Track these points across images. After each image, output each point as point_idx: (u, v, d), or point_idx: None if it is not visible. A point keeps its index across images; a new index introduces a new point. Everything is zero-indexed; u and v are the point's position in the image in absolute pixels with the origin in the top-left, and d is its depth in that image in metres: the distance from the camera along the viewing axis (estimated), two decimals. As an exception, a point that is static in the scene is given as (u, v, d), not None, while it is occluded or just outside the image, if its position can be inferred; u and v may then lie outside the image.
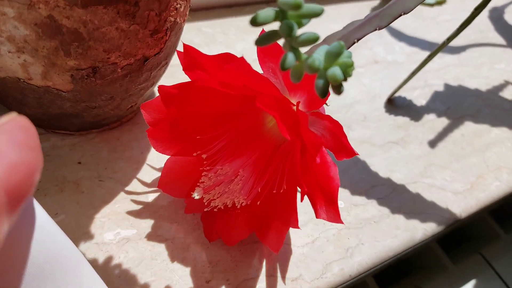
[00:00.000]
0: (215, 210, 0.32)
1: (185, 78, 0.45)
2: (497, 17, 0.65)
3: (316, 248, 0.36)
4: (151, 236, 0.34)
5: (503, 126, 0.50)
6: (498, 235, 0.56)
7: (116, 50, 0.27)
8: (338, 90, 0.22)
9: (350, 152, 0.27)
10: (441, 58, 0.56)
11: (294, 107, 0.28)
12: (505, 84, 0.55)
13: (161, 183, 0.33)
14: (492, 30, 0.63)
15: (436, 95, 0.51)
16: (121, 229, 0.34)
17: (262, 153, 0.32)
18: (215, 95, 0.28)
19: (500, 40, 0.62)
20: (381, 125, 0.46)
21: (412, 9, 0.33)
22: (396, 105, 0.49)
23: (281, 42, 0.21)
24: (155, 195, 0.36)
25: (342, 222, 0.28)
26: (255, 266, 0.34)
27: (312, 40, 0.21)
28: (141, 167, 0.37)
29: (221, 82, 0.27)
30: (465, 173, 0.44)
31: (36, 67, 0.26)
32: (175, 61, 0.46)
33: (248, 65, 0.26)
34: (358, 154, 0.27)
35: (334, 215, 0.28)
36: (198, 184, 0.31)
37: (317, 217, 0.29)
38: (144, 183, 0.37)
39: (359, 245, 0.37)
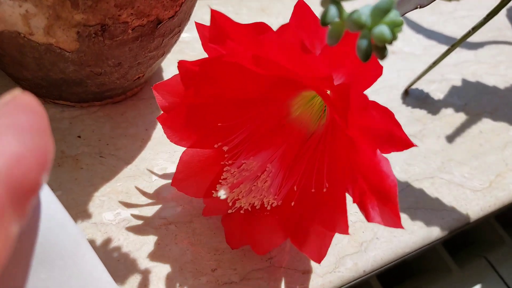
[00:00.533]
0: (241, 212, 0.28)
1: (196, 56, 0.43)
2: (515, 16, 0.63)
3: (330, 240, 0.33)
4: (154, 219, 0.31)
5: (522, 125, 0.48)
6: (503, 239, 0.54)
7: (128, 7, 0.24)
8: (383, 53, 0.20)
9: (405, 143, 0.22)
10: (458, 53, 0.54)
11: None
12: (523, 83, 0.53)
13: (176, 180, 0.29)
14: (510, 28, 0.61)
15: (453, 90, 0.49)
16: (121, 209, 0.31)
17: (289, 145, 0.28)
18: (243, 75, 0.24)
19: (518, 39, 0.60)
20: (398, 117, 0.43)
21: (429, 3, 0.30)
22: (413, 97, 0.47)
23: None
24: (159, 175, 0.33)
25: (402, 227, 0.23)
26: (264, 256, 0.31)
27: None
28: (146, 145, 0.35)
29: (254, 57, 0.23)
30: (483, 170, 0.42)
31: (39, 19, 0.23)
32: (185, 37, 0.43)
33: (292, 35, 0.21)
34: (416, 145, 0.22)
35: (391, 218, 0.24)
36: (219, 181, 0.27)
37: (368, 220, 0.24)
38: (149, 162, 0.34)
39: (374, 240, 0.34)
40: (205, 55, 0.25)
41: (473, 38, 0.57)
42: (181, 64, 0.24)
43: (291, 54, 0.22)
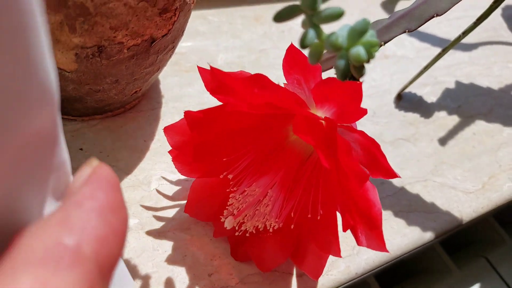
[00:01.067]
0: (246, 234, 0.30)
1: (192, 67, 0.44)
2: (509, 16, 0.64)
3: (323, 244, 0.34)
4: (153, 227, 0.32)
5: (516, 126, 0.48)
6: (503, 239, 0.55)
7: (123, 28, 0.26)
8: (360, 72, 0.21)
9: (389, 173, 0.25)
10: (452, 55, 0.54)
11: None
12: (518, 83, 0.54)
13: (188, 207, 0.32)
14: (505, 28, 0.62)
15: (447, 92, 0.50)
16: (122, 218, 0.32)
17: (288, 168, 0.30)
18: (243, 117, 0.27)
19: (512, 39, 0.60)
20: (391, 121, 0.45)
21: (446, 11, 0.31)
22: (406, 101, 0.48)
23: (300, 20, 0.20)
24: (158, 184, 0.35)
25: (387, 251, 0.26)
26: (260, 261, 0.32)
27: (336, 15, 0.19)
28: (144, 156, 0.36)
29: (251, 104, 0.26)
30: (476, 172, 0.43)
31: (39, 43, 0.25)
32: (180, 48, 0.45)
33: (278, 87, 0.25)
34: (400, 176, 0.25)
35: (377, 242, 0.26)
36: (226, 207, 0.30)
37: (358, 244, 0.27)
38: (147, 172, 0.35)
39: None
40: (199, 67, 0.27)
41: (467, 39, 0.57)
42: (187, 114, 0.27)
43: (285, 103, 0.25)
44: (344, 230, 0.26)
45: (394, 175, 0.25)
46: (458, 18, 0.61)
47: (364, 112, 0.25)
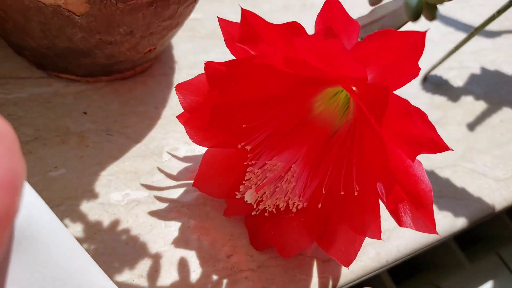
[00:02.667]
0: (265, 214, 0.27)
1: (207, 34, 0.41)
2: (531, 7, 0.62)
3: (350, 228, 0.31)
4: (165, 201, 0.29)
5: (542, 115, 0.46)
6: None
7: (146, -36, 0.22)
8: (434, 13, 0.18)
9: (441, 146, 0.21)
10: (476, 41, 0.52)
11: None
12: (542, 73, 0.51)
13: (198, 181, 0.28)
14: (526, 18, 0.60)
15: (473, 78, 0.47)
16: (130, 190, 0.29)
17: (313, 143, 0.27)
18: (270, 75, 0.24)
19: (535, 29, 0.58)
20: (418, 103, 0.42)
21: None
22: (432, 83, 0.45)
23: None
24: (170, 156, 0.31)
25: (437, 233, 0.23)
26: (282, 243, 0.29)
27: None
28: (155, 124, 0.33)
29: (287, 59, 0.22)
30: (506, 160, 0.40)
31: (48, -26, 0.21)
32: (195, 14, 0.41)
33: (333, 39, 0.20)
34: (452, 149, 0.21)
35: (425, 223, 0.23)
36: (243, 182, 0.26)
37: (400, 225, 0.24)
38: (159, 142, 0.32)
39: (396, 228, 0.32)
40: (215, 35, 0.24)
41: (490, 27, 0.55)
42: (208, 65, 0.23)
43: (326, 56, 0.21)
44: (391, 206, 0.23)
45: (446, 147, 0.22)
46: (480, 5, 0.59)
47: (417, 71, 0.22)
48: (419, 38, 0.20)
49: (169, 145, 0.32)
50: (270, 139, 0.27)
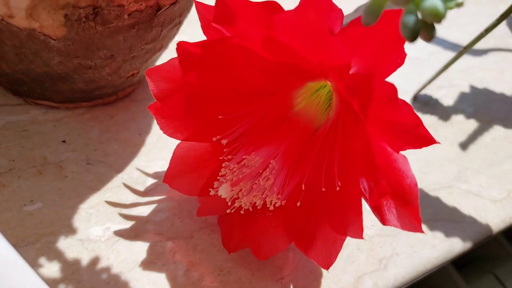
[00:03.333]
0: (240, 212, 0.25)
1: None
2: (514, 24, 0.62)
3: (346, 257, 0.30)
4: (149, 234, 0.27)
5: (533, 133, 0.46)
6: (510, 254, 0.52)
7: (126, -14, 0.21)
8: (431, 32, 0.17)
9: (426, 139, 0.19)
10: (464, 60, 0.52)
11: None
12: (530, 91, 0.51)
13: (169, 176, 0.26)
14: (510, 36, 0.60)
15: (462, 96, 0.47)
16: (112, 223, 0.27)
17: (294, 139, 0.26)
18: (248, 60, 0.22)
19: (520, 47, 0.58)
20: (409, 123, 0.41)
21: None
22: (422, 103, 0.44)
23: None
24: (155, 184, 0.30)
25: (422, 231, 0.21)
26: (275, 276, 0.28)
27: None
28: (139, 151, 0.31)
29: (266, 39, 0.20)
30: (500, 179, 0.40)
31: (21, -3, 0.20)
32: (181, 35, 0.40)
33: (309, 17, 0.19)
34: (439, 142, 0.19)
35: (411, 221, 0.21)
36: (218, 178, 0.25)
37: (384, 223, 0.22)
38: (142, 170, 0.30)
39: (393, 256, 0.31)
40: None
41: (477, 45, 0.55)
42: (181, 46, 0.22)
43: (307, 37, 0.20)
44: (375, 202, 0.22)
45: (432, 141, 0.20)
46: (466, 24, 0.59)
47: (403, 56, 0.20)
48: None
49: (153, 174, 0.30)
50: (248, 134, 0.25)
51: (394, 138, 0.20)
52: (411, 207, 0.22)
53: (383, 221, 0.22)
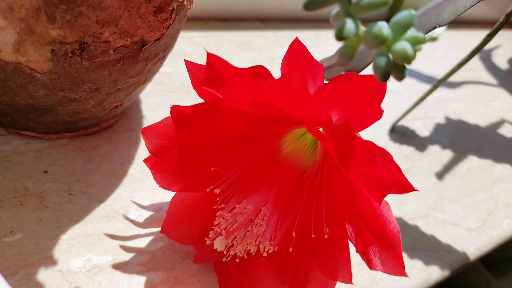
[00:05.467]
0: (236, 260, 0.26)
1: (176, 90, 0.41)
2: (485, 58, 0.65)
3: (326, 286, 0.30)
4: (130, 265, 0.27)
5: (506, 163, 0.47)
6: (489, 282, 0.53)
7: (111, 24, 0.22)
8: (402, 73, 0.18)
9: (405, 186, 0.21)
10: (439, 92, 0.54)
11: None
12: (502, 122, 0.54)
13: (166, 227, 0.27)
14: (483, 69, 0.63)
15: (438, 128, 0.49)
16: (93, 254, 0.27)
17: (283, 183, 0.27)
18: (237, 117, 0.23)
19: (491, 80, 0.61)
20: (387, 153, 0.42)
21: (448, 21, 0.29)
22: (399, 134, 0.46)
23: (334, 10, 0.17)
24: (137, 215, 0.30)
25: (406, 275, 0.23)
26: (256, 306, 0.27)
27: (378, 4, 0.16)
28: (121, 182, 0.31)
29: (253, 102, 0.22)
30: (475, 209, 0.41)
31: (8, 33, 0.20)
32: (165, 68, 0.41)
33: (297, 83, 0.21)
34: (418, 190, 0.21)
35: (395, 266, 0.23)
36: (212, 227, 0.26)
37: (371, 268, 0.24)
38: (124, 201, 0.30)
39: (373, 285, 0.32)
40: (184, 89, 0.23)
41: (451, 78, 0.58)
42: (174, 109, 0.23)
43: (291, 99, 0.21)
44: (360, 250, 0.23)
45: (411, 188, 0.21)
46: (440, 58, 0.61)
47: (380, 112, 0.22)
48: (380, 82, 0.20)
49: (135, 205, 0.30)
50: (239, 181, 0.26)
51: (375, 190, 0.22)
52: (394, 252, 0.23)
53: (370, 266, 0.24)
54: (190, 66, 0.23)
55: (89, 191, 0.30)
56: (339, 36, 0.16)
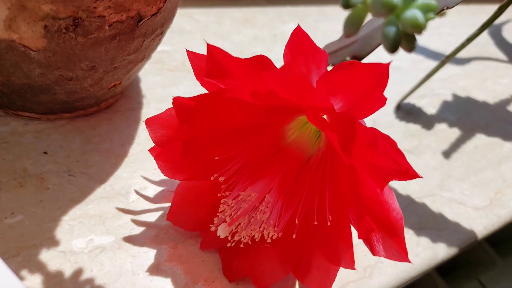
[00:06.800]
0: (240, 245, 0.26)
1: (176, 68, 0.40)
2: (495, 33, 0.64)
3: (330, 266, 0.30)
4: (132, 246, 0.27)
5: (515, 141, 0.46)
6: (494, 260, 0.53)
7: (106, -2, 0.21)
8: (412, 43, 0.17)
9: (409, 173, 0.20)
10: (446, 68, 0.53)
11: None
12: (511, 99, 0.52)
13: (172, 215, 0.27)
14: (492, 45, 0.61)
15: (445, 105, 0.48)
16: (94, 235, 0.27)
17: (287, 171, 0.27)
18: (240, 107, 0.23)
19: (501, 55, 0.60)
20: (393, 132, 0.42)
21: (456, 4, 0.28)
22: (405, 112, 0.45)
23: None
24: (138, 196, 0.29)
25: (409, 261, 0.23)
26: (259, 286, 0.27)
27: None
28: (121, 162, 0.31)
29: (255, 92, 0.22)
30: (483, 187, 0.40)
31: (-1, 9, 0.20)
32: (164, 46, 0.40)
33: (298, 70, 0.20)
34: (422, 177, 0.21)
35: (397, 252, 0.23)
36: (217, 214, 0.26)
37: (374, 254, 0.24)
38: (125, 182, 0.30)
39: (378, 264, 0.31)
40: (184, 68, 0.23)
41: (459, 54, 0.56)
42: (176, 101, 0.23)
43: (293, 89, 0.21)
44: (363, 236, 0.23)
45: (414, 175, 0.21)
46: (448, 34, 0.60)
47: (384, 100, 0.21)
48: (383, 70, 0.20)
49: (136, 185, 0.30)
50: (243, 169, 0.26)
51: (377, 178, 0.21)
52: (397, 239, 0.23)
53: (373, 251, 0.24)
54: (192, 56, 0.23)
55: (89, 172, 0.30)
56: (346, 4, 0.16)
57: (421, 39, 0.56)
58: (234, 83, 0.22)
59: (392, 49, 0.16)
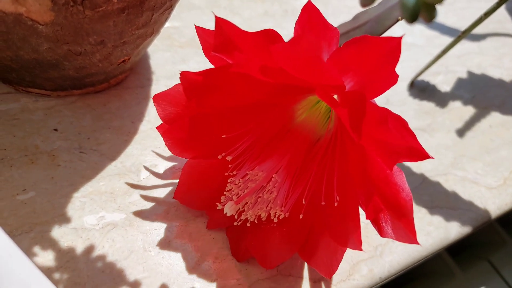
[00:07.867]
0: (247, 224, 0.26)
1: (186, 44, 0.39)
2: (513, 9, 0.61)
3: (341, 244, 0.30)
4: (143, 222, 0.27)
5: (530, 119, 0.45)
6: (505, 241, 0.52)
7: (115, -31, 0.20)
8: (432, 13, 0.16)
9: (420, 153, 0.20)
10: (462, 45, 0.51)
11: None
12: (528, 76, 0.51)
13: (179, 193, 0.27)
14: (510, 21, 0.59)
15: (460, 82, 0.47)
16: (106, 212, 0.27)
17: (295, 151, 0.26)
18: (248, 83, 0.23)
19: (518, 32, 0.58)
20: (406, 110, 0.41)
21: None
22: (419, 89, 0.44)
23: None
24: (149, 173, 0.29)
25: (418, 243, 0.22)
26: (269, 263, 0.27)
27: None
28: (132, 139, 0.31)
29: (263, 67, 0.21)
30: (497, 166, 0.39)
31: (6, -19, 0.19)
32: (173, 21, 0.40)
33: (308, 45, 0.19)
34: (433, 157, 0.20)
35: (406, 233, 0.23)
36: (224, 193, 0.26)
37: (382, 235, 0.23)
38: (136, 159, 0.30)
39: (389, 243, 0.31)
40: (194, 43, 0.22)
41: (475, 30, 0.55)
42: (184, 75, 0.23)
43: (303, 64, 0.21)
44: (371, 217, 0.23)
45: (425, 155, 0.20)
46: (463, 8, 0.58)
47: (395, 77, 0.21)
48: (395, 44, 0.19)
49: (147, 162, 0.30)
50: (252, 148, 0.26)
51: (387, 156, 0.21)
52: (406, 220, 0.23)
53: (381, 233, 0.24)
54: (200, 31, 0.23)
55: (100, 149, 0.29)
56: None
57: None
58: (243, 58, 0.22)
59: (411, 19, 0.16)
